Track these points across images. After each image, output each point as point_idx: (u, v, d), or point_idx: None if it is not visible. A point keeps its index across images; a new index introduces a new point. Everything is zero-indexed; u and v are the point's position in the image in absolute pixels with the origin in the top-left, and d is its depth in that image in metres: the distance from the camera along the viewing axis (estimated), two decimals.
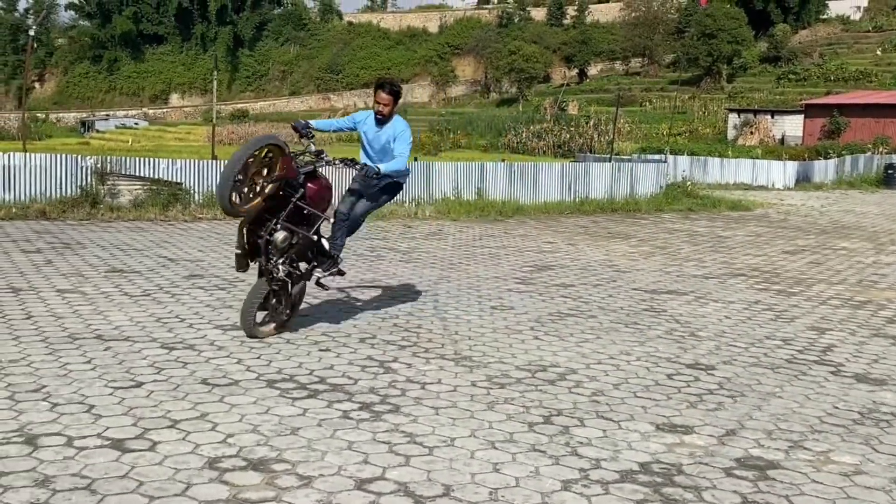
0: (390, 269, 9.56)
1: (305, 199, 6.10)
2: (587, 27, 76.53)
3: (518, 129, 49.39)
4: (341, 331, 6.54)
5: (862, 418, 4.89)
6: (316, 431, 4.34)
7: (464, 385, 5.26)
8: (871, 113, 38.06)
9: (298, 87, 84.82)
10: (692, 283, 9.43)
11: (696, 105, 54.53)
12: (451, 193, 16.57)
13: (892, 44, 59.62)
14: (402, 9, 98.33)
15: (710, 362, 6.03)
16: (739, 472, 4.03)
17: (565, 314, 7.50)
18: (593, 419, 4.72)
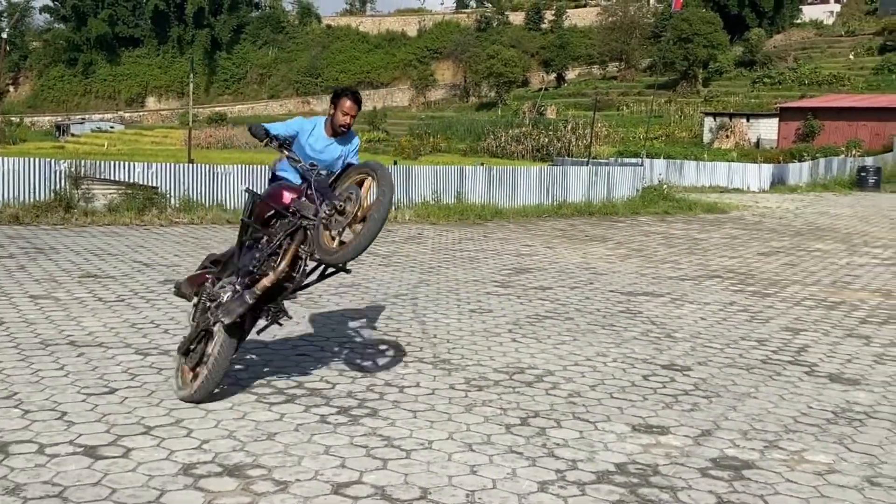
0: (369, 273, 9.54)
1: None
2: (565, 32, 76.88)
3: (497, 133, 49.53)
4: (319, 335, 6.52)
5: (835, 418, 4.94)
6: (293, 436, 4.31)
7: (442, 388, 5.26)
8: (845, 116, 38.55)
9: (277, 91, 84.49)
10: (668, 284, 9.49)
11: (672, 109, 54.94)
12: (431, 197, 16.58)
13: (865, 48, 60.41)
14: (381, 12, 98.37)
15: (685, 363, 6.07)
16: (715, 472, 4.05)
17: (543, 316, 7.52)
18: (570, 420, 4.73)
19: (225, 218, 13.94)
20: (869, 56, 58.42)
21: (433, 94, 78.88)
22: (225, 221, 13.81)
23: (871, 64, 55.89)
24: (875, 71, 53.79)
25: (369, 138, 55.80)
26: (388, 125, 61.98)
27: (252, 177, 14.82)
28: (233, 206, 14.49)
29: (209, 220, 13.76)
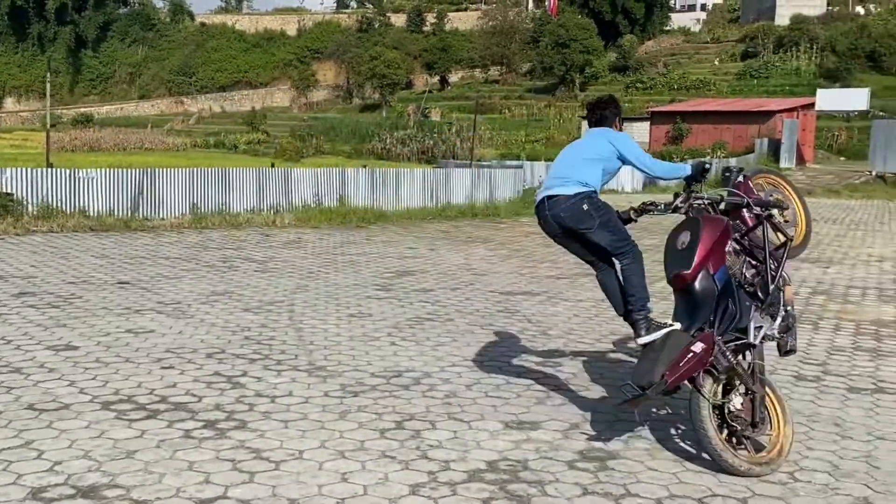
0: (244, 280, 9.30)
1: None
2: (447, 34, 77.49)
3: (382, 135, 49.39)
4: (186, 346, 6.29)
5: None
6: (154, 453, 4.13)
7: (316, 396, 5.17)
8: (710, 119, 40.50)
9: (148, 91, 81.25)
10: (545, 283, 9.70)
11: (552, 112, 56.30)
12: (312, 200, 16.35)
13: (728, 54, 63.72)
14: (259, 11, 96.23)
15: (558, 359, 6.20)
16: (581, 464, 4.15)
17: (423, 319, 7.53)
18: (445, 421, 4.75)
19: (88, 225, 13.28)
20: (732, 62, 61.61)
21: (315, 94, 77.88)
22: (88, 229, 13.16)
23: (734, 69, 58.98)
24: (738, 76, 56.81)
25: (248, 140, 54.55)
26: (268, 126, 60.74)
27: (120, 181, 14.17)
28: (96, 211, 13.81)
29: (70, 227, 13.06)
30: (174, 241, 12.42)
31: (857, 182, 31.63)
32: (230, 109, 75.74)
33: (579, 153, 4.93)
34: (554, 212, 4.76)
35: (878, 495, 3.92)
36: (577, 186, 4.73)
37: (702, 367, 4.08)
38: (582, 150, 4.96)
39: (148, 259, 10.65)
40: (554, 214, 4.77)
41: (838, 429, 4.83)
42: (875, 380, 5.89)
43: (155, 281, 9.06)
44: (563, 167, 4.87)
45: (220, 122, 68.32)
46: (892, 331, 7.56)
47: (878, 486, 4.00)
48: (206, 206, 14.89)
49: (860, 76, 50.04)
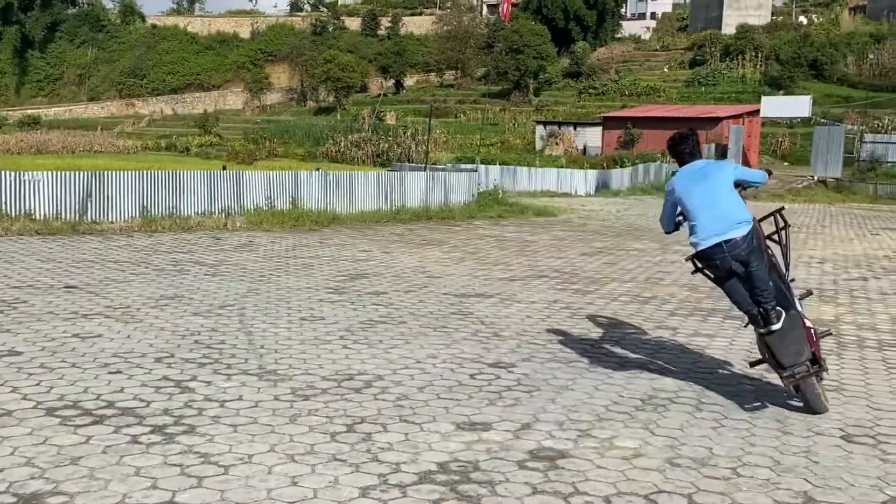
0: (194, 284, 9.18)
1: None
2: (402, 38, 77.47)
3: (337, 138, 49.14)
4: (135, 351, 6.19)
5: (643, 405, 5.25)
6: (100, 459, 4.07)
7: (266, 400, 5.13)
8: (660, 125, 41.10)
9: (98, 92, 79.63)
10: (498, 285, 9.76)
11: (506, 117, 56.62)
12: (264, 203, 16.20)
13: (677, 62, 64.83)
14: (211, 13, 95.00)
15: (510, 360, 6.26)
16: (531, 463, 4.20)
17: (376, 321, 7.52)
18: (396, 424, 4.75)
19: (34, 229, 12.98)
20: (681, 69, 62.70)
21: (269, 97, 77.15)
22: (34, 232, 12.86)
23: (682, 76, 60.03)
24: (686, 83, 57.80)
25: (200, 142, 53.83)
26: (220, 129, 60.03)
27: (68, 183, 13.88)
28: (43, 214, 13.51)
29: (15, 231, 12.74)
30: (123, 245, 12.21)
31: (800, 187, 32.45)
32: (182, 112, 74.68)
33: (721, 191, 5.31)
34: (734, 252, 5.17)
35: (817, 489, 4.03)
36: (747, 226, 5.21)
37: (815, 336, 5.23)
38: (721, 186, 5.32)
39: (96, 263, 10.45)
40: (735, 255, 5.18)
41: (780, 425, 4.96)
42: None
43: (103, 285, 8.90)
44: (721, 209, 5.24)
45: (171, 125, 67.37)
46: (831, 330, 7.77)
47: (817, 481, 4.12)
48: (157, 209, 14.65)
49: (803, 84, 51.32)
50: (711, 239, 5.20)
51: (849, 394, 5.67)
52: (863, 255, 13.96)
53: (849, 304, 9.23)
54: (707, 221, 5.23)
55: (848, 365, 6.47)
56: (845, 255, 13.76)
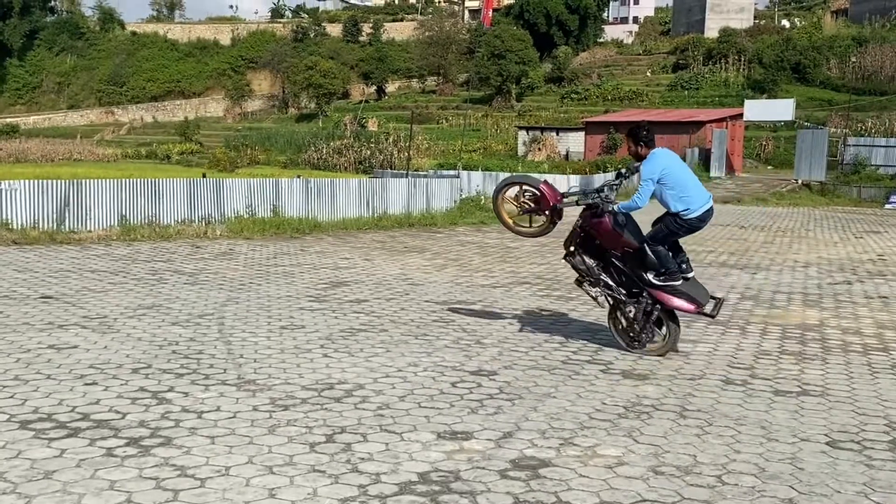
0: (173, 293, 9.08)
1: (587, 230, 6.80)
2: (383, 45, 77.44)
3: (318, 145, 49.02)
4: (112, 362, 6.10)
5: (626, 412, 5.21)
6: (74, 473, 3.99)
7: (245, 410, 5.06)
8: None
9: (77, 101, 79.07)
10: (480, 292, 9.72)
11: (489, 122, 56.65)
12: (245, 211, 16.10)
13: (660, 66, 65.14)
14: (191, 20, 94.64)
15: (492, 368, 6.21)
16: (513, 472, 4.15)
17: (357, 330, 7.46)
18: (377, 433, 4.69)
19: (10, 238, 12.80)
20: (664, 73, 62.95)
21: (250, 104, 76.84)
22: (10, 242, 12.69)
23: (665, 80, 60.26)
24: (669, 87, 58.04)
25: (181, 150, 53.55)
26: (201, 137, 59.74)
27: (45, 192, 13.71)
28: (20, 224, 13.33)
29: None
30: (102, 254, 12.07)
31: (784, 190, 32.61)
32: (162, 119, 74.29)
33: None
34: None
35: (803, 496, 4.00)
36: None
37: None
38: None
39: (73, 272, 10.32)
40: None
41: (764, 431, 4.93)
42: (800, 382, 6.04)
43: (80, 295, 8.79)
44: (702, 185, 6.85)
45: (152, 133, 66.99)
46: (816, 334, 7.78)
47: (802, 488, 4.10)
48: (136, 217, 14.52)
49: (786, 87, 51.60)
50: (705, 206, 6.64)
51: (834, 399, 5.66)
52: (847, 258, 14.03)
53: (833, 308, 9.25)
54: (698, 193, 6.64)
55: (833, 369, 6.46)
56: (829, 259, 13.83)
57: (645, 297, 6.66)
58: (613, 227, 6.63)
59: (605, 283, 6.80)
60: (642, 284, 6.67)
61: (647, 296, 6.64)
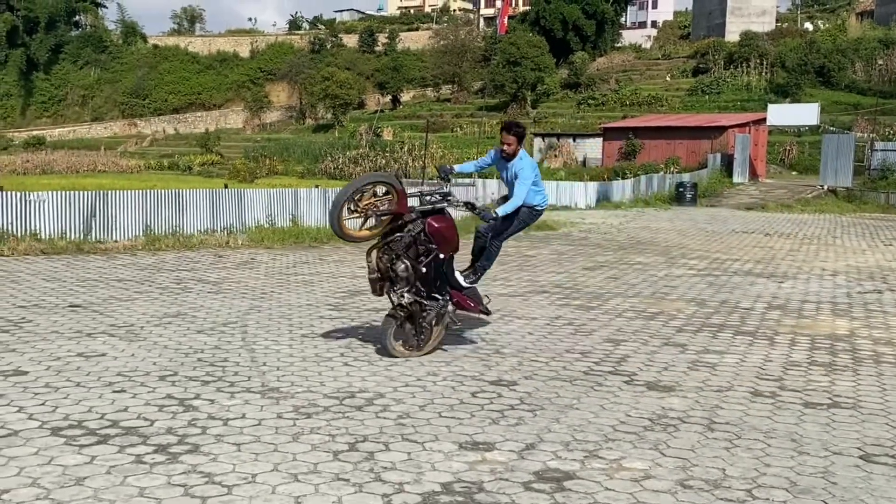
0: (197, 302, 9.16)
1: (425, 235, 6.60)
2: (398, 54, 77.76)
3: (335, 155, 49.32)
4: (139, 369, 6.16)
5: (652, 424, 5.19)
6: (104, 480, 4.04)
7: (269, 418, 5.10)
8: (663, 135, 41.15)
9: (101, 113, 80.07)
10: (498, 301, 9.70)
11: None
12: (265, 221, 16.22)
13: (680, 70, 64.90)
14: (212, 32, 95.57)
15: (512, 378, 6.21)
16: (537, 485, 4.15)
17: (376, 339, 7.48)
18: (399, 442, 4.71)
19: (39, 248, 12.99)
20: (684, 78, 62.66)
21: (268, 116, 77.41)
22: (39, 252, 12.87)
23: (685, 85, 60.04)
24: (689, 92, 57.79)
25: (202, 161, 54.01)
26: (221, 148, 60.22)
27: (72, 203, 13.88)
28: (48, 234, 13.52)
29: (21, 251, 12.76)
30: (127, 264, 12.20)
31: (810, 196, 32.32)
32: (184, 131, 74.99)
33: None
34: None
35: None
36: None
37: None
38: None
39: (100, 282, 10.44)
40: None
41: (795, 444, 4.87)
42: (830, 394, 5.97)
43: (107, 304, 8.89)
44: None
45: (173, 144, 67.64)
46: (846, 345, 7.70)
47: (835, 503, 4.05)
48: (160, 227, 14.67)
49: (810, 91, 51.15)
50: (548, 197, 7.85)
51: (867, 411, 5.58)
52: (876, 266, 13.88)
53: (864, 317, 9.15)
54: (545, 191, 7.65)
55: (864, 381, 6.38)
56: (858, 267, 13.69)
57: (445, 299, 6.85)
58: (454, 230, 6.83)
59: (416, 289, 6.65)
60: (451, 287, 6.92)
61: (447, 298, 6.86)
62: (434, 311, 6.79)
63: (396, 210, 6.49)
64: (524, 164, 7.13)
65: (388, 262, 6.57)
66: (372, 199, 6.47)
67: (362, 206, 6.42)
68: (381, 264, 6.60)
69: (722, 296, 10.46)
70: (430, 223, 6.63)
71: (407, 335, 6.77)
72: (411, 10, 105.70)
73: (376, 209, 6.45)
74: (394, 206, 6.47)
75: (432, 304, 6.78)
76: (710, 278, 12.05)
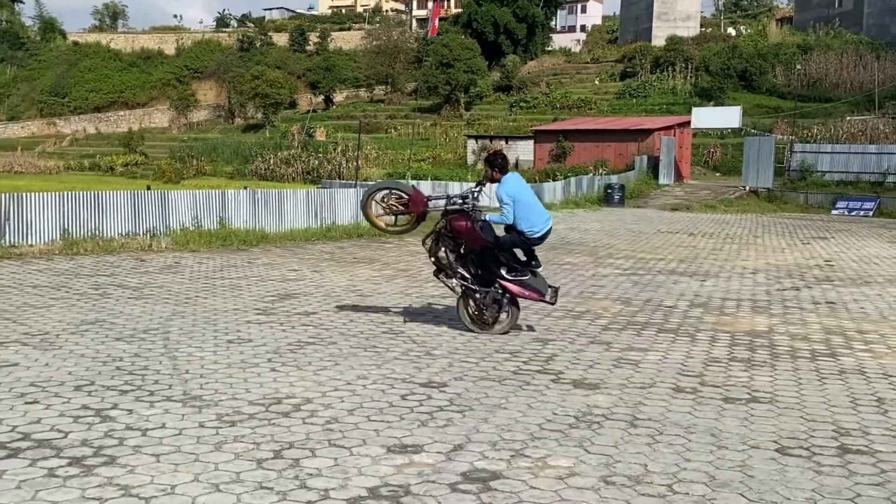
0: (117, 308, 8.87)
1: (448, 230, 7.86)
2: (331, 54, 77.07)
3: (266, 156, 48.61)
4: (53, 379, 5.92)
5: (577, 422, 5.23)
6: (14, 495, 3.86)
7: (191, 427, 4.96)
8: (592, 138, 41.73)
9: (18, 112, 77.12)
10: (430, 303, 9.69)
11: (438, 131, 56.76)
12: (191, 223, 15.83)
13: (608, 74, 65.99)
14: (135, 29, 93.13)
15: (442, 379, 6.19)
16: (464, 485, 4.13)
17: (305, 343, 7.38)
18: (325, 448, 4.63)
19: None
20: (612, 81, 63.65)
21: (196, 115, 75.76)
22: None
23: (613, 89, 61.02)
24: (618, 95, 58.76)
25: (125, 161, 52.55)
26: (146, 148, 58.72)
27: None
28: None
29: None
30: (43, 269, 11.75)
31: (732, 197, 33.24)
32: (106, 131, 72.86)
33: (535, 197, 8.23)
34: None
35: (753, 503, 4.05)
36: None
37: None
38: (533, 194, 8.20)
39: (13, 288, 10.02)
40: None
41: (715, 439, 4.98)
42: (749, 389, 6.13)
43: (21, 311, 8.54)
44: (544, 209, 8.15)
45: (95, 144, 65.66)
46: (765, 341, 7.93)
47: (752, 495, 4.14)
48: (79, 231, 14.17)
49: (733, 95, 52.53)
50: (546, 227, 7.93)
51: (783, 405, 5.74)
52: (795, 264, 14.35)
53: (782, 314, 9.44)
54: (539, 216, 7.90)
55: (781, 375, 6.57)
56: (777, 265, 14.13)
57: (496, 287, 7.81)
58: (473, 228, 7.75)
59: (461, 275, 7.85)
60: (495, 278, 7.80)
61: (497, 286, 7.81)
62: (489, 296, 7.84)
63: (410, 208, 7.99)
64: (501, 187, 7.87)
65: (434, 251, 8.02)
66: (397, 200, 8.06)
67: (387, 204, 8.06)
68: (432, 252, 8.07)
69: (646, 294, 10.66)
70: (450, 220, 7.80)
71: (471, 313, 7.96)
72: (343, 9, 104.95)
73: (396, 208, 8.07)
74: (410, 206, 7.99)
75: (482, 290, 7.84)
76: (636, 277, 12.27)
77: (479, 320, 7.93)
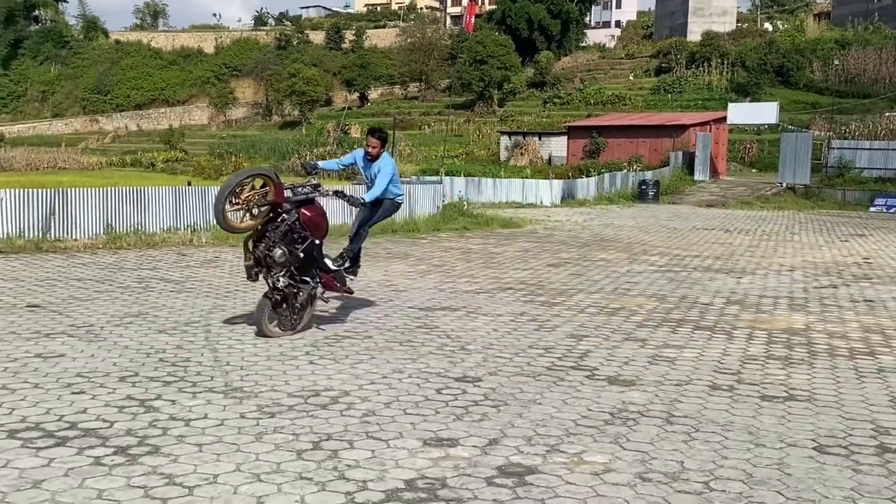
0: (159, 301, 9.07)
1: (299, 224, 7.27)
2: (366, 52, 77.44)
3: (302, 152, 48.99)
4: (98, 370, 6.09)
5: (612, 418, 5.26)
6: (62, 482, 3.99)
7: (232, 418, 5.07)
8: (626, 133, 41.46)
9: (62, 109, 78.54)
10: (464, 298, 9.76)
11: (471, 128, 56.72)
12: None
13: (643, 70, 65.46)
14: (175, 28, 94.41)
15: (477, 374, 6.24)
16: (500, 479, 4.18)
17: (342, 336, 7.48)
18: (363, 440, 4.72)
19: None
20: (647, 77, 63.15)
21: (234, 112, 76.60)
22: None
23: (648, 84, 60.52)
24: (652, 91, 58.28)
25: (165, 158, 53.32)
26: (185, 145, 59.50)
27: (30, 201, 13.64)
28: (6, 233, 13.26)
29: None
30: (88, 263, 12.02)
31: (769, 193, 32.84)
32: (147, 128, 73.95)
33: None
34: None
35: (791, 502, 4.04)
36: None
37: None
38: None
39: (60, 281, 10.28)
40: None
41: (752, 437, 4.97)
42: (787, 388, 6.09)
43: (67, 303, 8.76)
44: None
45: (136, 141, 66.66)
46: (802, 339, 7.86)
47: (790, 493, 4.13)
48: (122, 225, 14.47)
49: (769, 90, 51.86)
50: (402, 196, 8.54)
51: (821, 404, 5.70)
52: (832, 262, 14.16)
53: (819, 312, 9.34)
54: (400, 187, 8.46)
55: (819, 374, 6.52)
56: (815, 263, 13.96)
57: (315, 281, 7.56)
58: (322, 215, 7.57)
59: (291, 273, 7.29)
60: (320, 270, 7.62)
61: (317, 281, 7.59)
62: (306, 293, 7.45)
63: (274, 200, 7.12)
64: (386, 163, 8.06)
65: (264, 249, 7.15)
66: (251, 192, 7.12)
67: (243, 199, 7.06)
68: (258, 252, 7.19)
69: (682, 291, 10.61)
70: (303, 212, 7.31)
71: (280, 317, 7.36)
72: (378, 7, 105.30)
73: (255, 201, 7.11)
74: (271, 198, 7.11)
75: (304, 287, 7.42)
76: (671, 274, 12.20)
77: (288, 324, 7.39)
